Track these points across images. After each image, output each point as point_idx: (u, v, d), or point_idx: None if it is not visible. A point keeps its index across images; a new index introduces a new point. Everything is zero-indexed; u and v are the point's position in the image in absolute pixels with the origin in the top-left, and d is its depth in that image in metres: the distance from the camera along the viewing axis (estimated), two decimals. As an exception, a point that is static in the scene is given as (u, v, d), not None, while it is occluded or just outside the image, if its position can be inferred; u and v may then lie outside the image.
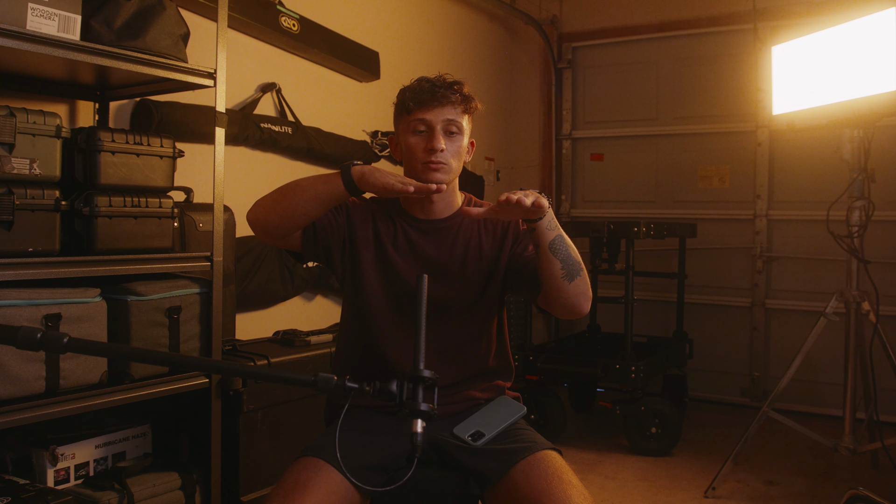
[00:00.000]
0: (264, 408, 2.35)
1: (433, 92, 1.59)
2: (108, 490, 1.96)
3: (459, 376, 1.67)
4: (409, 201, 1.68)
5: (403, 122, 1.63)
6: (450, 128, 1.60)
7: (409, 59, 3.93)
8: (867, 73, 2.66)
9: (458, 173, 1.65)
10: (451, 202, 1.69)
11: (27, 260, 1.81)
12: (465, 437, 1.55)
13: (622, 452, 3.47)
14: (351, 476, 1.42)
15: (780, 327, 4.32)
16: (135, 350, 1.96)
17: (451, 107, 1.60)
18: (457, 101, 1.60)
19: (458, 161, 1.63)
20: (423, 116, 1.59)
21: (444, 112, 1.59)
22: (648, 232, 3.45)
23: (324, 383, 1.21)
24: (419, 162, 1.59)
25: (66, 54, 1.83)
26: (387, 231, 1.67)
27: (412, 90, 1.62)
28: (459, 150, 1.62)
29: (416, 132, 1.60)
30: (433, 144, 1.58)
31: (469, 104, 1.63)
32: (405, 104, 1.62)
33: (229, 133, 2.75)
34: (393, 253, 1.65)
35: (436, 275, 1.62)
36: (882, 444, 2.77)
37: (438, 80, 1.61)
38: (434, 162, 1.58)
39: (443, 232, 1.68)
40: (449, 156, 1.60)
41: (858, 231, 2.84)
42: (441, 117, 1.59)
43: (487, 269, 1.68)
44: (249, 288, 2.97)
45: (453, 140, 1.61)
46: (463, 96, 1.61)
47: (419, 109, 1.59)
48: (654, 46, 4.68)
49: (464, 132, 1.63)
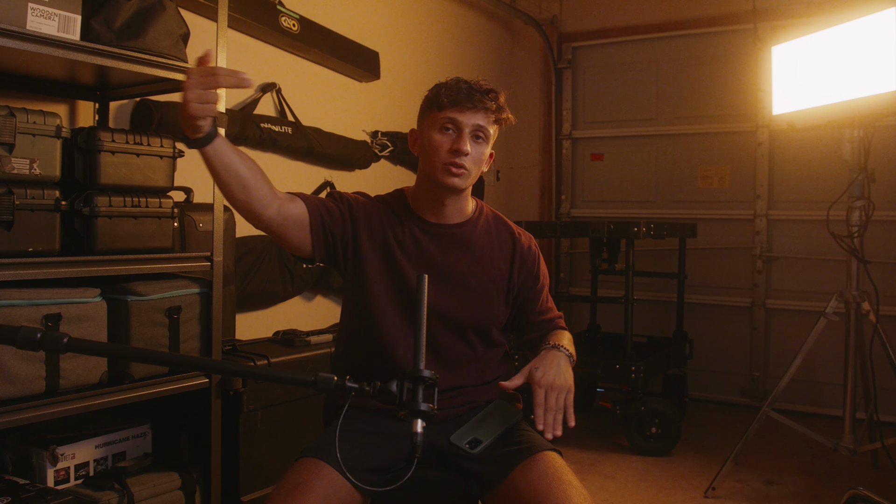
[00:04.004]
0: (264, 408, 2.35)
1: (470, 94, 1.56)
2: (108, 490, 1.96)
3: (459, 382, 1.66)
4: (419, 203, 1.65)
5: (431, 117, 1.59)
6: (478, 133, 1.57)
7: (409, 59, 3.93)
8: (867, 73, 2.66)
9: (474, 181, 1.63)
10: (462, 208, 1.67)
11: (27, 260, 1.80)
12: (463, 446, 1.53)
13: (622, 452, 3.47)
14: (351, 477, 1.42)
15: (780, 327, 4.32)
16: (135, 350, 1.96)
17: (485, 113, 1.57)
18: (491, 108, 1.57)
19: (477, 169, 1.60)
20: (455, 116, 1.56)
21: (476, 116, 1.56)
22: (648, 232, 3.45)
23: (324, 383, 1.21)
24: (441, 161, 1.56)
25: (66, 54, 1.83)
26: (394, 231, 1.64)
27: (448, 87, 1.58)
28: (481, 157, 1.60)
29: (443, 130, 1.57)
30: (459, 146, 1.54)
31: (501, 114, 1.60)
32: (438, 99, 1.57)
33: (229, 133, 2.76)
34: (399, 254, 1.62)
35: (439, 281, 1.60)
36: (882, 444, 2.77)
37: (476, 84, 1.58)
38: (456, 165, 1.55)
39: (452, 238, 1.65)
40: (471, 161, 1.57)
41: (858, 231, 2.84)
42: (472, 121, 1.56)
43: (494, 282, 1.66)
44: (249, 288, 2.97)
45: (478, 146, 1.58)
46: (498, 105, 1.59)
47: (452, 108, 1.56)
48: (654, 46, 4.68)
49: (489, 141, 1.60)
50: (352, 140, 3.50)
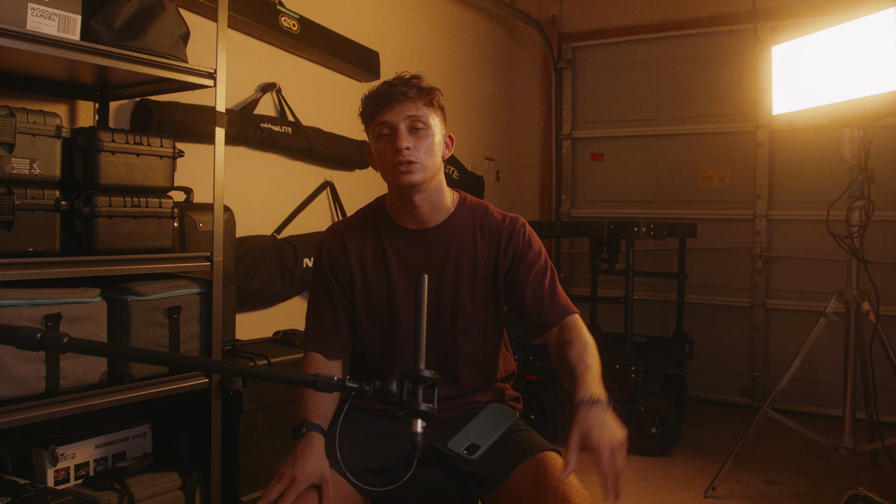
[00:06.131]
0: (264, 408, 2.35)
1: (389, 92, 1.52)
2: (108, 490, 1.96)
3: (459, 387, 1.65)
4: (396, 211, 1.62)
5: (370, 130, 1.57)
6: (415, 125, 1.52)
7: (409, 59, 3.93)
8: (867, 73, 2.66)
9: (435, 171, 1.56)
10: (437, 204, 1.60)
11: (27, 260, 1.80)
12: (461, 452, 1.52)
13: (622, 452, 3.47)
14: (351, 477, 1.42)
15: (780, 327, 4.32)
16: (135, 350, 1.96)
17: (411, 102, 1.51)
18: (415, 95, 1.52)
19: (431, 159, 1.53)
20: (385, 118, 1.52)
21: (405, 109, 1.51)
22: (648, 232, 3.45)
23: (324, 383, 1.21)
24: (389, 166, 1.52)
25: (66, 54, 1.82)
26: (373, 258, 1.62)
27: (369, 95, 1.56)
28: (431, 146, 1.53)
29: (381, 137, 1.53)
30: (397, 144, 1.50)
31: (430, 97, 1.54)
32: (366, 111, 1.56)
33: (229, 133, 2.75)
34: (381, 277, 1.61)
35: (430, 285, 1.55)
36: (882, 444, 2.77)
37: (395, 80, 1.55)
38: (402, 162, 1.50)
39: (434, 241, 1.61)
40: (421, 154, 1.51)
41: (858, 231, 2.84)
42: (402, 115, 1.51)
43: (484, 277, 1.61)
44: (249, 288, 2.97)
45: (421, 137, 1.52)
46: (420, 90, 1.53)
47: (379, 112, 1.53)
48: (654, 46, 4.68)
49: (432, 127, 1.54)
50: (352, 140, 3.50)
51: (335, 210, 3.49)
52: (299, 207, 3.31)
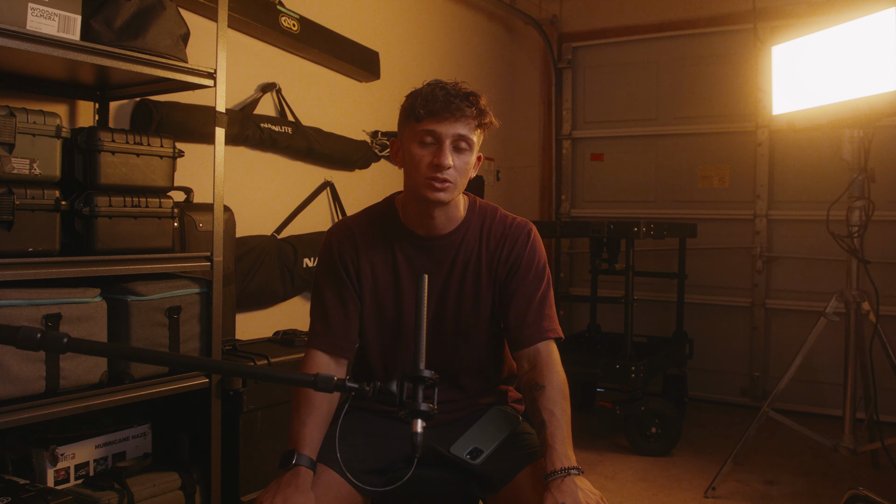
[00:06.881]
0: (264, 408, 2.35)
1: (447, 102, 1.45)
2: (108, 490, 1.96)
3: (463, 392, 1.65)
4: (409, 216, 1.59)
5: (409, 129, 1.50)
6: (459, 144, 1.47)
7: (409, 59, 3.93)
8: (867, 73, 2.65)
9: (461, 191, 1.54)
10: (453, 216, 1.58)
11: (27, 260, 1.80)
12: (464, 457, 1.52)
13: (622, 452, 3.47)
14: (351, 477, 1.42)
15: (780, 327, 4.32)
16: (135, 350, 1.96)
17: (465, 121, 1.46)
18: (471, 115, 1.47)
19: (464, 179, 1.51)
20: (433, 128, 1.45)
21: (457, 126, 1.46)
22: (648, 232, 3.45)
23: (324, 383, 1.21)
24: (422, 176, 1.47)
25: (66, 54, 1.82)
26: (383, 260, 1.59)
27: (424, 97, 1.47)
28: (466, 166, 1.50)
29: (422, 143, 1.47)
30: (440, 160, 1.45)
31: (484, 119, 1.50)
32: (415, 111, 1.47)
33: (229, 133, 2.75)
34: (389, 282, 1.59)
35: (436, 291, 1.57)
36: (882, 444, 2.77)
37: (454, 89, 1.47)
38: (439, 179, 1.46)
39: (443, 249, 1.59)
40: (456, 174, 1.47)
41: (858, 231, 2.84)
42: (452, 131, 1.46)
43: (486, 284, 1.60)
44: (249, 288, 2.97)
45: (461, 156, 1.48)
46: (479, 110, 1.48)
47: (429, 119, 1.45)
48: (654, 46, 4.68)
49: (474, 148, 1.51)
50: (352, 140, 3.50)
51: (335, 210, 3.49)
52: (299, 207, 3.31)
